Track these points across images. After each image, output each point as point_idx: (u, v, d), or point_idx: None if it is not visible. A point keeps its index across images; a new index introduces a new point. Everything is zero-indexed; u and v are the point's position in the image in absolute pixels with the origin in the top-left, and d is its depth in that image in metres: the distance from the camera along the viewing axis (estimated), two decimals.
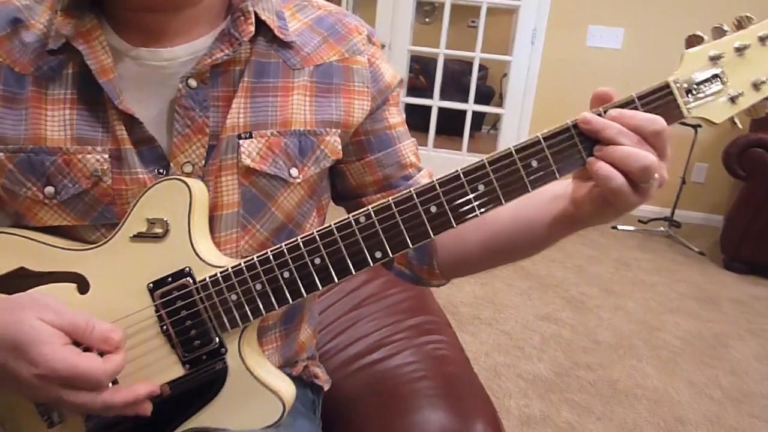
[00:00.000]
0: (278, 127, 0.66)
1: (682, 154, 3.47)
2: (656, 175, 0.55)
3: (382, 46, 3.97)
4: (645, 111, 0.57)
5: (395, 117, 0.75)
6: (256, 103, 0.65)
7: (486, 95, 6.55)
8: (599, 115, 0.57)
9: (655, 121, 0.55)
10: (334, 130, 0.69)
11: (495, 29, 5.01)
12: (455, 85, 4.86)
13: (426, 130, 4.25)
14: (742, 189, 3.01)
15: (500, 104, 4.21)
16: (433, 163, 4.14)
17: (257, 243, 0.68)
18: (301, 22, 0.70)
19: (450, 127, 4.48)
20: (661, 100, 0.58)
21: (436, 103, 4.19)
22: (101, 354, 0.54)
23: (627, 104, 0.58)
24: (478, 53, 4.07)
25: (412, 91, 5.53)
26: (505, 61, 4.14)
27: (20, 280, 0.61)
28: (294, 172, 0.67)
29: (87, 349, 0.54)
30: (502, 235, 0.68)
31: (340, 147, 0.70)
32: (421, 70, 6.38)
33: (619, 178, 0.54)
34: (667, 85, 0.59)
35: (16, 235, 0.62)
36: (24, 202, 0.62)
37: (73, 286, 0.60)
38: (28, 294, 0.58)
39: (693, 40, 0.63)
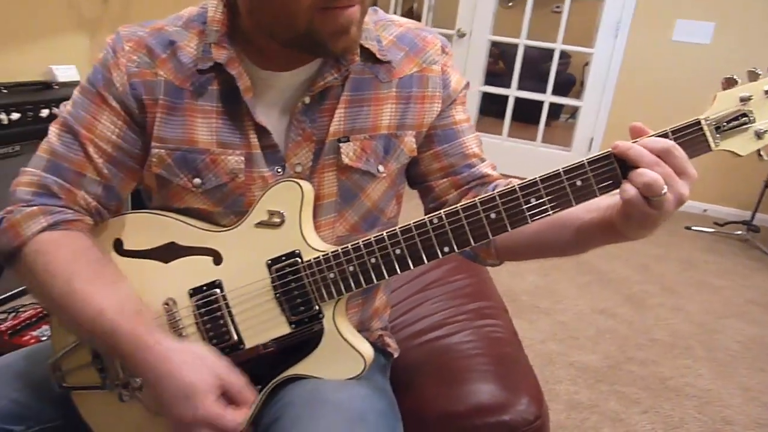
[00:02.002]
0: (369, 131, 0.82)
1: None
2: (664, 191, 0.64)
3: (462, 35, 4.06)
4: (677, 144, 0.67)
5: (460, 114, 0.89)
6: (353, 113, 0.81)
7: (567, 83, 6.44)
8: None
9: (658, 141, 0.66)
10: (410, 131, 0.84)
11: (580, 16, 4.95)
12: (534, 71, 4.82)
13: (502, 116, 4.30)
14: None
15: (581, 92, 4.18)
16: (507, 152, 4.22)
17: (349, 225, 0.85)
18: (388, 39, 0.84)
19: (527, 114, 4.47)
20: (691, 135, 0.68)
21: (513, 92, 4.24)
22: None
23: (660, 137, 0.68)
24: (559, 44, 4.07)
25: (490, 76, 5.57)
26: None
27: (170, 251, 0.80)
28: (380, 168, 0.83)
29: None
30: (552, 231, 0.79)
31: (415, 145, 0.86)
32: (500, 55, 6.37)
33: (631, 190, 0.65)
34: (698, 122, 0.69)
35: (168, 216, 0.81)
36: (175, 189, 0.81)
37: (210, 258, 0.79)
38: (205, 350, 0.73)
39: (728, 83, 0.73)
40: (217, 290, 0.78)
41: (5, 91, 1.85)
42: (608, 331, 2.28)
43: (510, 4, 7.07)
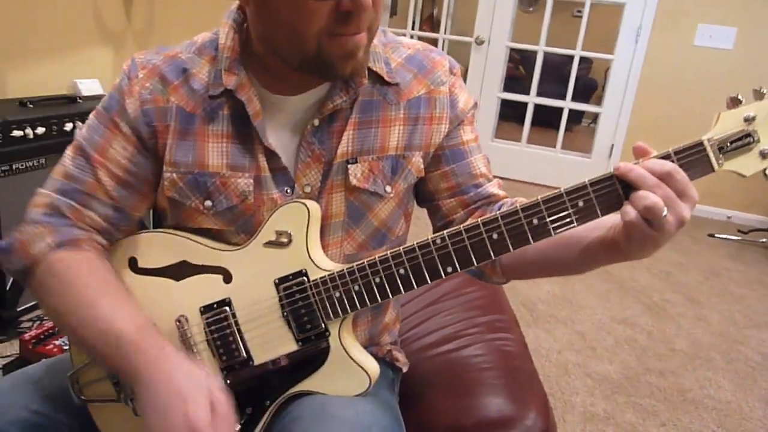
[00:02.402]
0: (377, 152, 0.83)
1: None
2: (664, 214, 0.65)
3: (481, 43, 4.07)
4: (679, 164, 0.68)
5: (468, 134, 0.90)
6: (361, 134, 0.83)
7: (589, 87, 6.38)
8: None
9: (663, 164, 0.66)
10: (417, 152, 0.86)
11: (601, 21, 4.91)
12: (555, 76, 4.77)
13: (523, 121, 4.28)
14: None
15: (602, 98, 4.15)
16: (526, 159, 4.20)
17: (357, 244, 0.86)
18: (396, 62, 0.86)
19: (547, 119, 4.45)
20: (694, 156, 0.68)
21: (532, 99, 4.22)
22: None
23: (662, 158, 0.68)
24: (579, 51, 4.05)
25: (510, 81, 5.55)
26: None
27: (182, 269, 0.82)
28: (388, 188, 0.85)
29: None
30: (556, 249, 0.80)
31: (422, 166, 0.87)
32: (520, 60, 6.35)
33: (631, 212, 0.66)
34: (701, 143, 0.69)
35: (180, 236, 0.83)
36: (187, 211, 0.84)
37: (220, 277, 0.81)
38: (206, 372, 0.73)
39: (733, 102, 0.72)
40: (227, 308, 0.80)
41: (31, 105, 1.91)
42: (627, 341, 2.26)
43: (531, 9, 7.05)
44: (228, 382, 0.80)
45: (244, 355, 0.80)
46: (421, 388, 1.11)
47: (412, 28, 4.50)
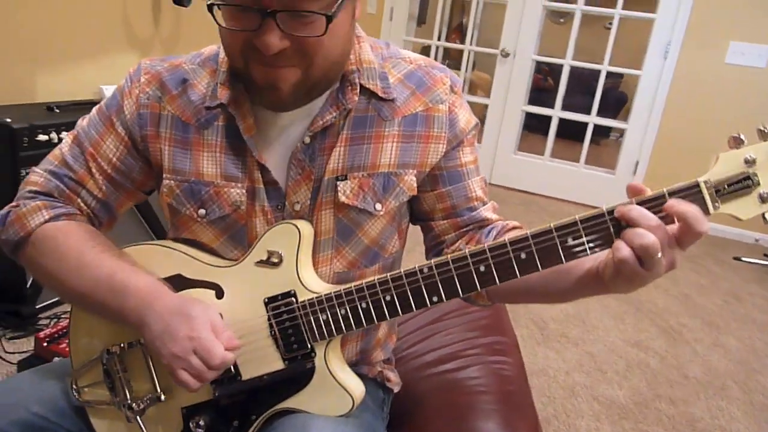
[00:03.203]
0: (368, 169, 0.83)
1: None
2: (659, 255, 0.64)
3: (507, 55, 4.05)
4: None
5: (468, 156, 0.89)
6: (352, 150, 0.83)
7: (620, 101, 6.30)
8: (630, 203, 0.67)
9: (701, 221, 0.64)
10: (411, 170, 0.85)
11: (632, 35, 4.84)
12: (584, 88, 4.75)
13: (548, 133, 4.24)
14: None
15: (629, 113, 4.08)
16: (548, 173, 4.17)
17: (347, 262, 0.87)
18: (395, 77, 0.86)
19: (574, 131, 4.38)
20: (689, 198, 0.67)
21: (556, 113, 4.19)
22: None
23: (657, 197, 0.68)
24: (606, 66, 4.00)
25: (538, 92, 5.50)
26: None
27: (177, 282, 0.84)
28: (378, 206, 0.85)
29: None
30: (541, 279, 0.78)
31: (415, 184, 0.87)
32: (549, 71, 6.30)
33: (625, 249, 0.65)
34: (696, 185, 0.68)
35: (177, 250, 0.85)
36: (183, 218, 0.86)
37: (213, 292, 0.83)
38: (200, 299, 0.79)
39: (734, 142, 0.71)
40: (231, 332, 0.81)
41: (57, 110, 1.96)
42: (639, 365, 2.22)
43: (562, 20, 6.99)
44: (216, 394, 0.82)
45: (233, 370, 0.81)
46: (414, 407, 1.11)
47: (438, 39, 4.49)
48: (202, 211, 0.84)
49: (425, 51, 5.10)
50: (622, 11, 3.84)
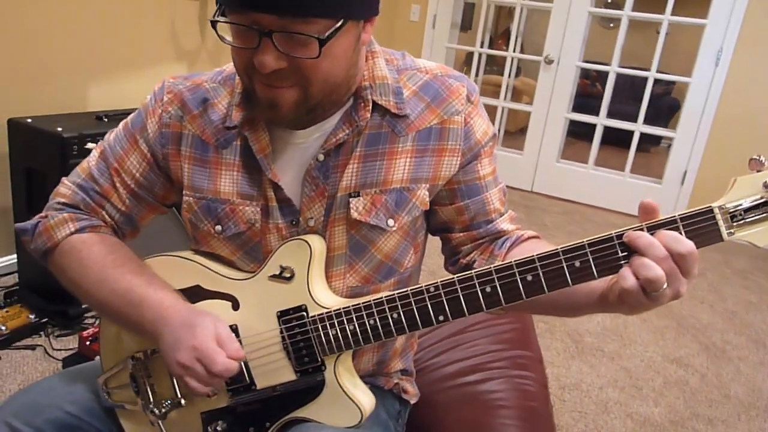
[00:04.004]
0: (381, 185, 0.84)
1: None
2: (664, 287, 0.64)
3: (551, 62, 3.99)
4: (685, 231, 0.66)
5: (486, 168, 0.89)
6: (365, 167, 0.84)
7: (670, 108, 6.11)
8: (641, 230, 0.67)
9: (673, 238, 0.64)
10: (423, 185, 0.86)
11: (683, 41, 4.71)
12: (634, 94, 4.62)
13: (592, 140, 4.16)
14: None
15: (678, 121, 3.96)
16: (592, 182, 4.09)
17: (360, 277, 0.88)
18: (410, 90, 0.86)
19: (621, 138, 4.28)
20: (702, 223, 0.66)
21: (601, 120, 4.10)
22: None
23: (669, 223, 0.67)
24: (653, 72, 3.90)
25: (586, 98, 5.39)
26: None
27: (196, 293, 0.88)
28: (391, 222, 0.86)
29: None
30: (548, 295, 0.77)
31: (428, 199, 0.87)
32: (597, 77, 6.16)
33: (630, 279, 0.65)
34: (710, 210, 0.66)
35: (196, 262, 0.89)
36: (202, 233, 0.90)
37: (229, 304, 0.86)
38: (211, 313, 0.82)
39: (754, 164, 0.69)
40: (238, 343, 0.85)
41: (106, 119, 2.07)
42: (677, 382, 2.16)
43: (611, 25, 6.85)
44: (233, 401, 0.86)
45: (248, 380, 0.85)
46: (432, 419, 1.12)
47: (481, 46, 4.47)
48: (218, 228, 0.88)
49: (468, 58, 5.09)
50: (671, 17, 3.73)
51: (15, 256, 2.22)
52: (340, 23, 0.70)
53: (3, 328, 1.89)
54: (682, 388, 2.13)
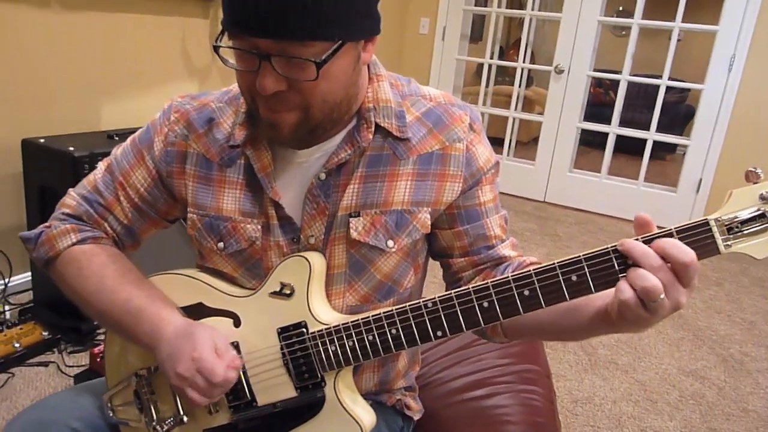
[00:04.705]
0: (381, 207, 0.85)
1: None
2: (661, 297, 0.63)
3: (561, 71, 3.99)
4: None
5: (487, 195, 0.89)
6: (366, 188, 0.85)
7: (685, 115, 6.05)
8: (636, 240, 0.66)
9: (673, 245, 0.64)
10: (425, 208, 0.86)
11: (696, 48, 4.67)
12: (648, 102, 4.54)
13: (605, 148, 4.14)
14: None
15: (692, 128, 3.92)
16: (604, 192, 4.06)
17: (359, 296, 0.89)
18: (413, 115, 0.86)
19: (635, 146, 4.22)
20: (698, 236, 0.66)
21: (613, 129, 4.08)
22: None
23: (664, 236, 0.66)
24: (665, 80, 3.87)
25: (599, 107, 5.36)
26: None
27: (199, 310, 0.89)
28: (390, 243, 0.86)
29: None
30: (549, 318, 0.79)
31: (429, 222, 0.87)
32: (610, 86, 6.13)
33: (627, 291, 0.64)
34: (706, 223, 0.66)
35: (198, 279, 0.90)
36: (205, 250, 0.91)
37: (231, 321, 0.87)
38: (208, 324, 0.84)
39: (750, 176, 0.68)
40: (234, 351, 0.85)
41: (117, 138, 2.10)
42: (693, 396, 2.12)
43: (623, 33, 6.82)
44: (234, 418, 0.86)
45: (248, 396, 0.85)
46: None
47: (491, 57, 4.47)
48: (221, 245, 0.89)
49: (478, 69, 5.10)
50: (682, 24, 3.71)
51: (30, 273, 2.26)
52: (337, 45, 0.71)
53: (17, 345, 1.91)
54: (699, 401, 2.09)
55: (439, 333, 0.76)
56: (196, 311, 0.88)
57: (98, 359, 1.69)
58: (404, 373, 1.02)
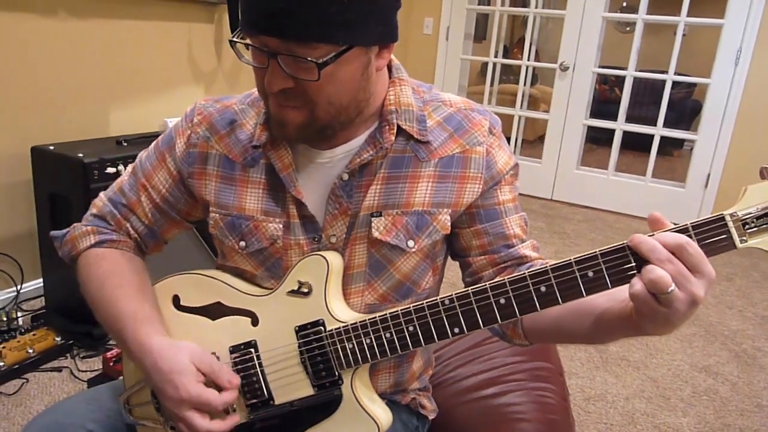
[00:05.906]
0: (402, 207, 0.86)
1: None
2: (671, 289, 0.62)
3: (566, 69, 3.98)
4: (698, 241, 0.65)
5: (506, 195, 0.90)
6: (388, 189, 0.86)
7: (692, 110, 6.03)
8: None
9: (676, 237, 0.64)
10: (445, 209, 0.87)
11: (702, 42, 4.65)
12: (654, 98, 4.54)
13: (612, 145, 4.12)
14: None
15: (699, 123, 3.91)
16: (612, 188, 4.05)
17: (378, 295, 0.89)
18: (434, 120, 0.88)
19: (642, 143, 4.22)
20: (714, 231, 0.65)
21: (620, 125, 4.07)
22: (220, 390, 0.80)
23: (680, 232, 0.66)
24: (671, 75, 3.86)
25: (605, 104, 5.34)
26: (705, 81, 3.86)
27: (217, 310, 0.89)
28: (410, 243, 0.87)
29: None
30: (571, 318, 0.79)
31: (449, 224, 0.88)
32: (616, 82, 6.12)
33: (637, 285, 0.64)
34: (722, 218, 0.66)
35: (217, 279, 0.91)
36: (226, 248, 0.92)
37: (249, 320, 0.87)
38: (189, 344, 0.83)
39: (764, 173, 0.68)
40: (252, 350, 0.86)
41: (125, 144, 2.11)
42: (707, 392, 2.11)
43: (628, 29, 6.80)
44: (251, 417, 0.86)
45: (266, 395, 0.85)
46: None
47: (496, 55, 4.47)
48: (242, 244, 0.90)
49: (483, 68, 5.10)
50: (688, 18, 3.70)
51: (41, 280, 2.28)
52: (342, 49, 0.72)
53: (30, 351, 1.93)
54: (712, 397, 2.08)
55: (456, 330, 0.76)
56: (215, 310, 0.89)
57: (111, 363, 1.70)
58: (419, 375, 1.02)
